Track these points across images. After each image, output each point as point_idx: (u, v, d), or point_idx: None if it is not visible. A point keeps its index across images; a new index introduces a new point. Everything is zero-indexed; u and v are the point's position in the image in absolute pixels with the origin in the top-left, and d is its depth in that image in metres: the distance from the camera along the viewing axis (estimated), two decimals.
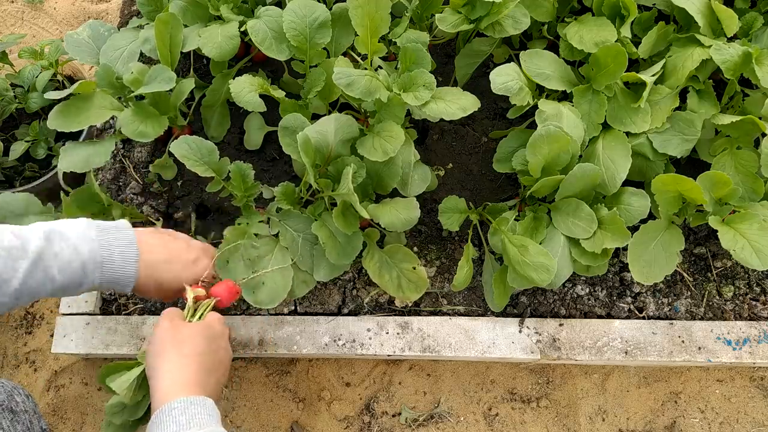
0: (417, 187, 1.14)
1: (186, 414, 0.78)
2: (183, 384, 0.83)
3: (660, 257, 1.07)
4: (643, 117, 1.12)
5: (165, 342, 0.88)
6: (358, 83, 1.02)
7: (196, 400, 0.80)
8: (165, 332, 0.90)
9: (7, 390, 0.91)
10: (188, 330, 0.91)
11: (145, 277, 0.93)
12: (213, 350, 0.91)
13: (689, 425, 1.26)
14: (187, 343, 0.88)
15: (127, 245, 0.91)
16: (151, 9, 1.28)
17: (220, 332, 0.95)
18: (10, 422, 0.88)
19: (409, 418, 1.27)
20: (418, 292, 1.13)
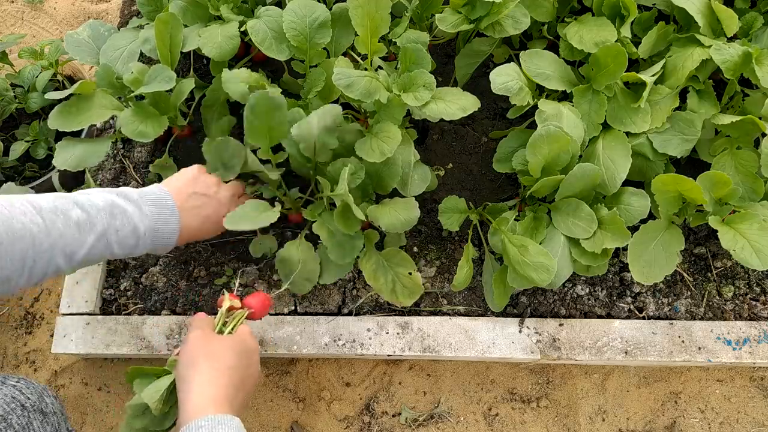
0: (417, 188, 1.14)
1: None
2: (212, 400, 0.82)
3: (660, 257, 1.07)
4: (643, 117, 1.12)
5: (197, 353, 0.88)
6: (357, 84, 1.02)
7: (224, 419, 0.79)
8: (197, 342, 0.89)
9: (38, 391, 0.92)
10: (220, 343, 0.90)
11: (181, 240, 1.02)
12: (244, 365, 0.90)
13: (689, 425, 1.26)
14: (219, 356, 0.88)
15: (170, 216, 0.99)
16: (151, 9, 1.28)
17: (252, 347, 0.94)
18: (40, 423, 0.89)
19: (409, 418, 1.27)
20: (411, 298, 1.12)
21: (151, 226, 0.96)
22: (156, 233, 0.97)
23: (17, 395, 0.88)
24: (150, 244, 0.97)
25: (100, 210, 0.90)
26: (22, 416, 0.86)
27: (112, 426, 1.30)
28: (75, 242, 0.87)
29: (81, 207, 0.89)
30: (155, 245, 0.98)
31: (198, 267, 1.30)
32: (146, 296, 1.30)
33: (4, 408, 0.84)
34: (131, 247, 0.94)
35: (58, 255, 0.86)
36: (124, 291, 1.30)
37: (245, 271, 1.28)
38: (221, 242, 1.31)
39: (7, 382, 0.89)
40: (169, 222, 0.98)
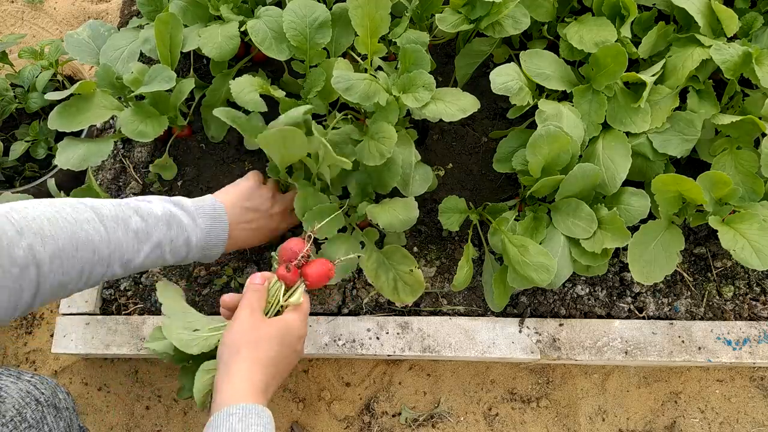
0: (419, 188, 1.14)
1: (243, 423, 0.78)
2: (247, 389, 0.83)
3: (660, 257, 1.07)
4: (643, 117, 1.12)
5: (241, 340, 0.88)
6: (357, 87, 1.02)
7: (255, 409, 0.80)
8: (243, 326, 0.89)
9: (51, 386, 0.92)
10: (266, 330, 0.89)
11: (226, 250, 1.05)
12: (285, 355, 0.90)
13: (689, 425, 1.26)
14: (262, 345, 0.88)
15: (222, 231, 1.01)
16: (151, 9, 1.28)
17: (297, 336, 0.93)
18: (54, 418, 0.89)
19: (409, 418, 1.27)
20: (413, 295, 1.12)
21: (203, 239, 0.99)
22: (206, 245, 1.00)
23: (32, 390, 0.88)
24: (199, 254, 1.00)
25: (159, 220, 0.93)
26: (37, 410, 0.86)
27: (113, 426, 1.31)
28: (132, 251, 0.89)
29: (140, 215, 0.91)
30: (203, 255, 1.01)
31: (198, 267, 1.30)
32: (146, 296, 1.30)
33: (20, 402, 0.85)
34: (182, 256, 0.97)
35: (116, 262, 0.88)
36: (124, 291, 1.30)
37: (245, 271, 1.28)
38: None
39: (22, 377, 0.90)
40: (221, 236, 1.02)
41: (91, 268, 0.84)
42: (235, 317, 0.92)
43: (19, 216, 0.78)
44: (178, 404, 1.31)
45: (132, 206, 0.92)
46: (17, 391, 0.86)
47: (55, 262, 0.79)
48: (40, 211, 0.81)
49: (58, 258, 0.80)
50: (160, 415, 1.31)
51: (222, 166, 1.38)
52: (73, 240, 0.81)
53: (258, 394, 0.83)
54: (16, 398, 0.84)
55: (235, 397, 0.81)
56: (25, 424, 0.83)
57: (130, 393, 1.32)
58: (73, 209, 0.84)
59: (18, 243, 0.75)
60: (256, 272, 0.97)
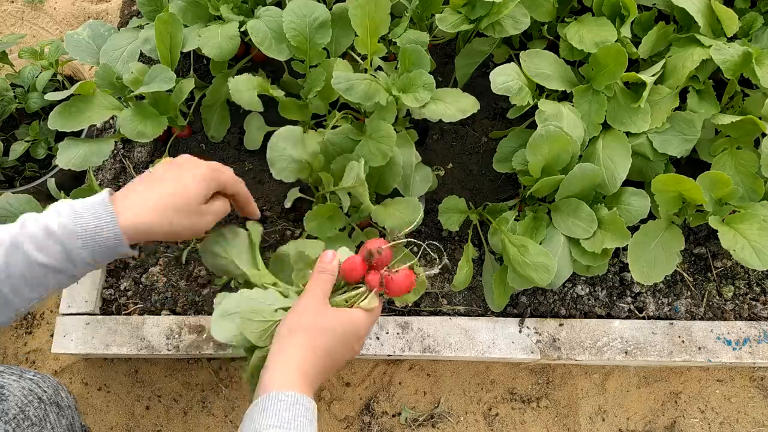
0: (419, 189, 1.14)
1: (290, 411, 0.75)
2: (298, 375, 0.79)
3: (660, 257, 1.07)
4: (643, 117, 1.12)
5: (301, 323, 0.82)
6: (357, 88, 1.02)
7: (303, 400, 0.76)
8: (307, 309, 0.83)
9: (54, 385, 0.92)
10: (329, 320, 0.83)
11: (135, 235, 0.81)
12: (341, 352, 0.84)
13: (689, 425, 1.26)
14: (322, 335, 0.82)
15: (98, 206, 0.80)
16: (151, 9, 1.28)
17: (359, 334, 0.86)
18: (56, 416, 0.88)
19: (409, 418, 1.27)
20: (416, 294, 1.11)
21: (69, 224, 0.78)
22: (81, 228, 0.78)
23: (34, 388, 0.87)
24: (83, 244, 0.78)
25: (10, 226, 0.79)
26: (39, 408, 0.86)
27: (112, 426, 1.31)
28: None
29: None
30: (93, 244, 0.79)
31: (198, 267, 1.30)
32: (146, 296, 1.30)
33: (22, 400, 0.84)
34: (61, 252, 0.78)
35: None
36: (124, 291, 1.30)
37: None
38: None
39: (24, 376, 0.89)
40: (96, 213, 0.80)
41: None
42: (300, 298, 0.86)
43: None
44: (178, 404, 1.31)
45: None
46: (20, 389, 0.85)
47: None
48: None
49: None
50: (160, 415, 1.31)
51: None
52: None
53: (307, 384, 0.79)
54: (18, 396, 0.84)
55: (285, 382, 0.77)
56: (27, 422, 0.83)
57: (130, 393, 1.32)
58: None
59: None
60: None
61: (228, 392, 1.31)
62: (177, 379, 1.33)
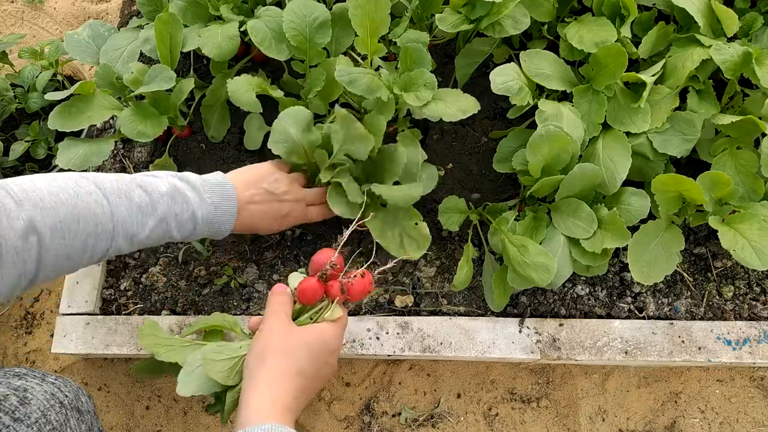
0: (425, 186, 1.15)
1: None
2: (271, 405, 0.77)
3: (660, 257, 1.07)
4: (643, 117, 1.12)
5: (269, 347, 0.82)
6: (360, 81, 1.02)
7: (280, 430, 0.74)
8: (271, 335, 0.83)
9: (74, 389, 0.92)
10: (297, 338, 0.83)
11: (236, 230, 1.04)
12: (315, 369, 0.83)
13: (689, 425, 1.26)
14: (291, 356, 0.81)
15: (229, 206, 0.99)
16: (151, 9, 1.28)
17: (330, 347, 0.85)
18: (77, 421, 0.89)
19: (409, 418, 1.27)
20: (420, 249, 1.09)
21: (210, 214, 0.97)
22: (213, 221, 0.98)
23: (56, 392, 0.88)
24: (207, 230, 0.99)
25: (163, 195, 0.92)
26: (60, 413, 0.86)
27: (112, 426, 1.30)
28: (136, 225, 0.88)
29: (144, 189, 0.90)
30: (211, 231, 1.00)
31: (198, 267, 1.30)
32: (146, 296, 1.30)
33: (44, 404, 0.84)
34: (189, 231, 0.96)
35: (120, 236, 0.87)
36: (124, 291, 1.30)
37: (245, 271, 1.28)
38: (221, 242, 1.31)
39: (46, 379, 0.90)
40: (228, 211, 0.99)
41: (94, 241, 0.84)
42: (263, 324, 0.86)
43: (19, 189, 0.78)
44: (178, 404, 1.31)
45: (137, 181, 0.91)
46: (42, 393, 0.86)
47: (57, 234, 0.79)
48: (40, 184, 0.81)
49: (59, 230, 0.79)
50: (160, 415, 1.31)
51: (222, 166, 1.38)
52: (74, 212, 0.81)
53: (284, 411, 0.78)
54: (41, 400, 0.84)
55: (260, 414, 0.76)
56: (49, 426, 0.83)
57: (130, 393, 1.32)
58: (75, 182, 0.84)
59: (18, 215, 0.75)
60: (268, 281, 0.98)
61: None
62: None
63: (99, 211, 0.84)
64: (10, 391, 0.83)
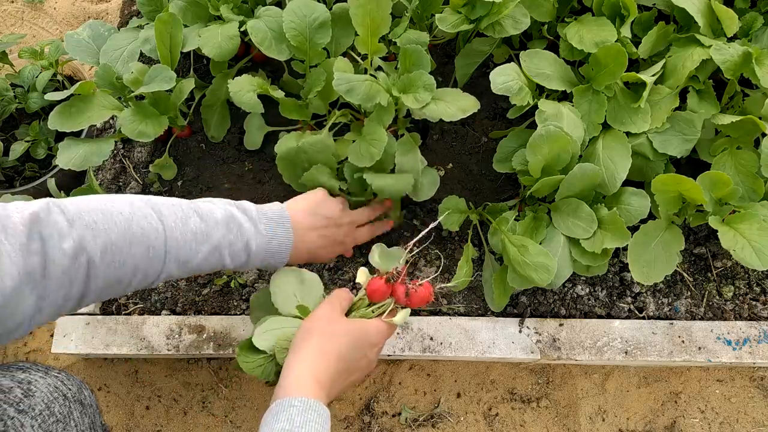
0: (428, 192, 1.17)
1: (302, 416, 0.78)
2: (310, 381, 0.82)
3: (660, 257, 1.07)
4: (643, 117, 1.12)
5: (316, 326, 0.88)
6: (358, 89, 1.02)
7: (315, 405, 0.79)
8: (320, 319, 0.90)
9: (77, 383, 0.93)
10: (342, 326, 0.89)
11: (293, 260, 1.01)
12: (355, 357, 0.89)
13: (689, 425, 1.26)
14: (333, 338, 0.87)
15: (285, 237, 0.98)
16: (151, 9, 1.28)
17: (372, 341, 0.91)
18: (80, 414, 0.90)
19: (409, 418, 1.27)
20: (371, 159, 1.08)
21: (264, 245, 0.95)
22: (268, 252, 0.96)
23: (60, 386, 0.89)
24: (261, 261, 0.97)
25: (218, 222, 0.91)
26: (64, 406, 0.87)
27: (113, 426, 1.30)
28: (190, 252, 0.87)
29: (200, 216, 0.89)
30: (266, 262, 0.98)
31: None
32: (146, 296, 1.30)
33: (48, 397, 0.85)
34: (242, 261, 0.94)
35: (172, 262, 0.86)
36: None
37: (245, 271, 1.28)
38: None
39: (50, 373, 0.90)
40: (284, 243, 0.98)
41: (146, 265, 0.84)
42: (316, 309, 0.93)
43: (74, 207, 0.78)
44: (178, 404, 1.31)
45: (192, 206, 0.91)
46: (46, 386, 0.86)
47: (107, 257, 0.78)
48: (95, 204, 0.81)
49: (110, 252, 0.79)
50: (160, 415, 1.31)
51: (222, 166, 1.38)
52: (126, 235, 0.80)
53: (320, 389, 0.82)
54: (45, 392, 0.85)
55: (298, 387, 0.81)
56: (53, 419, 0.83)
57: (130, 393, 1.32)
58: (131, 205, 0.84)
59: (69, 234, 0.75)
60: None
61: (228, 392, 1.31)
62: (177, 379, 1.33)
63: (153, 235, 0.83)
64: (15, 384, 0.83)
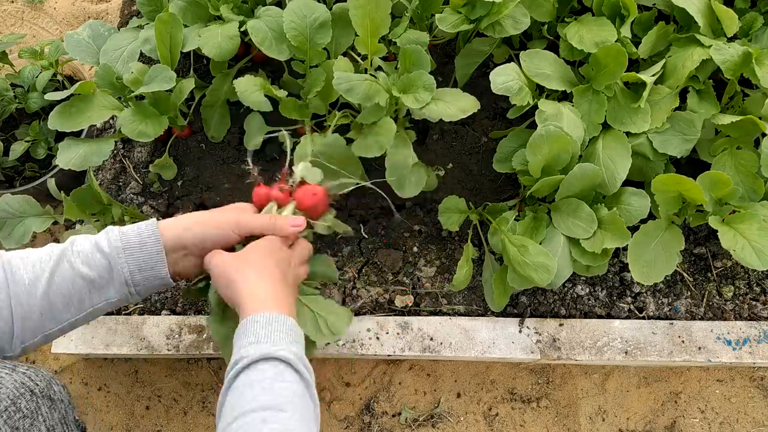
0: (414, 190, 1.15)
1: (265, 329, 0.81)
2: (266, 294, 0.85)
3: (660, 257, 1.07)
4: (643, 117, 1.12)
5: (227, 269, 0.87)
6: (357, 88, 1.02)
7: (278, 317, 0.83)
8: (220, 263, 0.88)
9: (47, 378, 0.93)
10: (247, 252, 0.90)
11: (173, 247, 0.90)
12: (268, 262, 0.89)
13: (689, 425, 1.26)
14: (248, 256, 0.89)
15: (144, 227, 0.89)
16: (151, 9, 1.28)
17: (273, 247, 0.91)
18: (48, 409, 0.89)
19: (409, 418, 1.27)
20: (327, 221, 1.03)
21: (115, 240, 0.88)
22: (127, 244, 0.88)
23: (26, 381, 0.88)
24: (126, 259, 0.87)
25: (61, 244, 0.88)
26: (31, 401, 0.87)
27: (113, 426, 1.30)
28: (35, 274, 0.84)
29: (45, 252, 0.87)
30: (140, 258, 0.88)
31: None
32: (146, 296, 1.29)
33: (14, 393, 0.85)
34: (106, 266, 0.86)
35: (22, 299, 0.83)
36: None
37: None
38: None
39: (17, 369, 0.90)
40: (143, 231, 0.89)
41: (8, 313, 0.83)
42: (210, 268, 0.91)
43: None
44: (178, 404, 1.31)
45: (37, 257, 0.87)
46: (12, 382, 0.86)
47: None
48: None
49: None
50: (160, 415, 1.31)
51: (222, 166, 1.38)
52: None
53: (275, 302, 0.85)
54: (10, 389, 0.85)
55: (257, 302, 0.84)
56: (19, 414, 0.84)
57: (130, 393, 1.32)
58: None
59: None
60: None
61: None
62: (177, 379, 1.33)
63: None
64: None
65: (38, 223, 1.11)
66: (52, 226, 1.33)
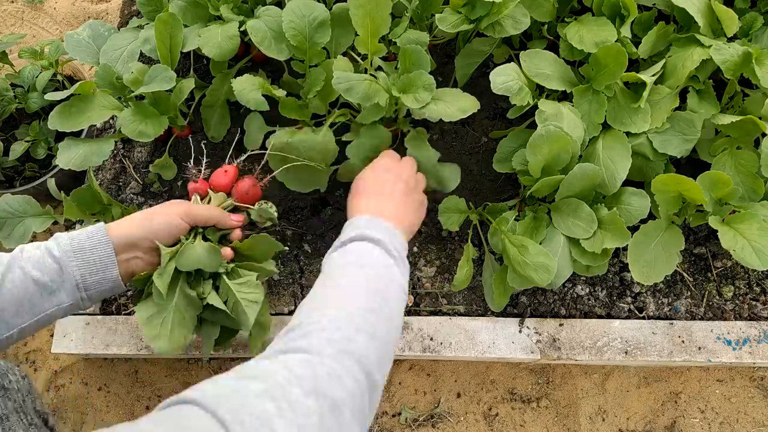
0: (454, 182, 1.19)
1: (368, 222, 0.91)
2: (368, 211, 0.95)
3: (660, 257, 1.07)
4: (643, 117, 1.12)
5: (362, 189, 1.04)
6: (357, 88, 1.02)
7: (378, 220, 0.92)
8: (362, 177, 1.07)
9: (2, 369, 0.92)
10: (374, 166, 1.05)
11: (123, 247, 0.92)
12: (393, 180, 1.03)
13: (689, 425, 1.26)
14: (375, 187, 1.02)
15: (93, 230, 0.91)
16: (151, 9, 1.28)
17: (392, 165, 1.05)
18: (1, 398, 0.89)
19: (409, 418, 1.27)
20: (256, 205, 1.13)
21: (65, 243, 0.88)
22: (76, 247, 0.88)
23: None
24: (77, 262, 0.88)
25: (11, 253, 0.88)
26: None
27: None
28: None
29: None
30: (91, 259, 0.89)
31: None
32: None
33: None
34: (57, 270, 0.87)
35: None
36: (124, 291, 1.30)
37: None
38: None
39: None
40: (91, 231, 0.90)
41: None
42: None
43: None
44: None
45: None
46: None
47: None
48: None
49: None
50: None
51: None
52: None
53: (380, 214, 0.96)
54: None
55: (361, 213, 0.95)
56: None
57: (130, 393, 1.32)
58: None
59: None
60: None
61: None
62: (177, 379, 1.33)
63: None
64: None
65: (38, 223, 1.11)
66: (52, 226, 1.33)
